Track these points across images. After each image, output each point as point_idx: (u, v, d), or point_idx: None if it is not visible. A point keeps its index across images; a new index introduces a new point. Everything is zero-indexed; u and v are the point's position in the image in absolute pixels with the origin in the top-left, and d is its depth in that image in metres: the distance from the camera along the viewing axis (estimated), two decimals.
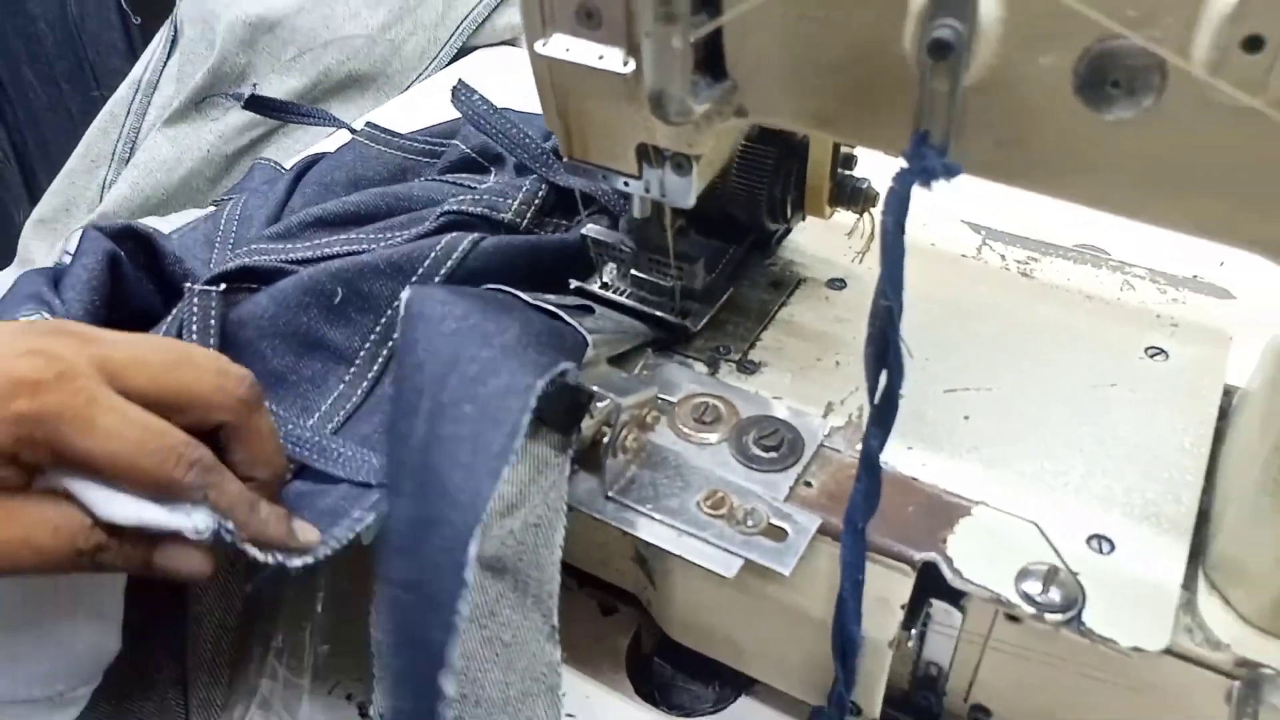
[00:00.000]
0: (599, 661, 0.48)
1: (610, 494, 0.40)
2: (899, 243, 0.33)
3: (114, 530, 0.34)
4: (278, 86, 0.93)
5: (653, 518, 0.39)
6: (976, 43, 0.30)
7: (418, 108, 0.79)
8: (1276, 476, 0.34)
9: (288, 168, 0.64)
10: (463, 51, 0.97)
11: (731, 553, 0.38)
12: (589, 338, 0.40)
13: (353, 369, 0.45)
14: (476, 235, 0.47)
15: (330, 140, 0.79)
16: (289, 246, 0.49)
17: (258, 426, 0.37)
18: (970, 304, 0.49)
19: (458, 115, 0.57)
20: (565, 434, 0.39)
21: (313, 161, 0.62)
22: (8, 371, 0.31)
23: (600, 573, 0.49)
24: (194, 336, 0.43)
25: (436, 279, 0.46)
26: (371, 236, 0.50)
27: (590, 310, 0.46)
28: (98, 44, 1.31)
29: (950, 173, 0.33)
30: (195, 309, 0.44)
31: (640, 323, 0.47)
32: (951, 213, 0.55)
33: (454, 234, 0.47)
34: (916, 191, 0.33)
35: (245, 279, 0.47)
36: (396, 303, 0.45)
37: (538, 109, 0.42)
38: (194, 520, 0.34)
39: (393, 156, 0.60)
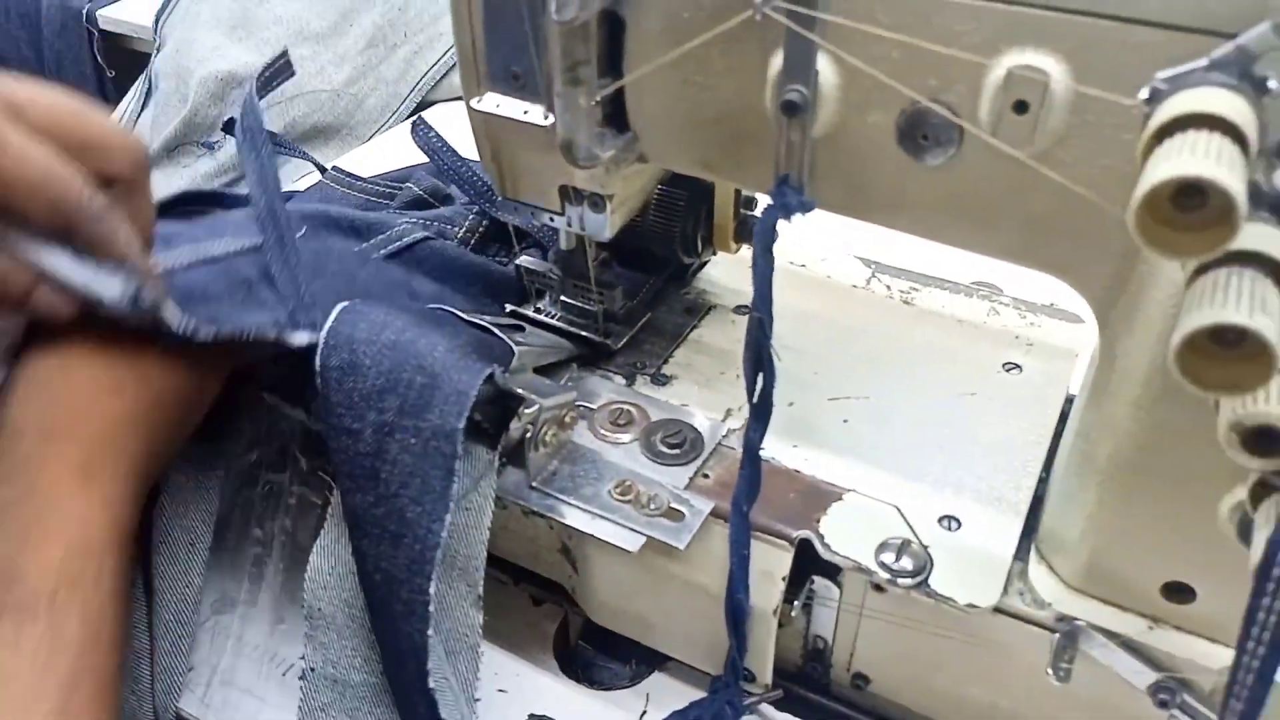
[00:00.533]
0: (529, 646, 0.54)
1: (534, 484, 0.46)
2: (768, 265, 0.40)
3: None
4: None
5: (570, 504, 0.46)
6: (819, 104, 0.37)
7: (379, 156, 0.86)
8: (1080, 460, 0.41)
9: None
10: (422, 105, 1.05)
11: (636, 531, 0.44)
12: (515, 348, 0.46)
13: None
14: (429, 234, 0.54)
15: (297, 185, 0.85)
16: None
17: (145, 191, 0.39)
18: (857, 327, 0.57)
19: (415, 163, 0.64)
20: (496, 433, 0.46)
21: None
22: None
23: (532, 565, 0.54)
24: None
25: (384, 250, 0.53)
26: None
27: (521, 329, 0.53)
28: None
29: (806, 209, 0.40)
30: None
31: (566, 341, 0.54)
32: (847, 249, 0.62)
33: (411, 224, 0.54)
34: (819, 230, 0.40)
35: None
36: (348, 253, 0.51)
37: None
38: (112, 286, 0.37)
39: (356, 198, 0.66)
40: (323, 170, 0.71)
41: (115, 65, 1.28)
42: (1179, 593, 0.40)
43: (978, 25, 0.34)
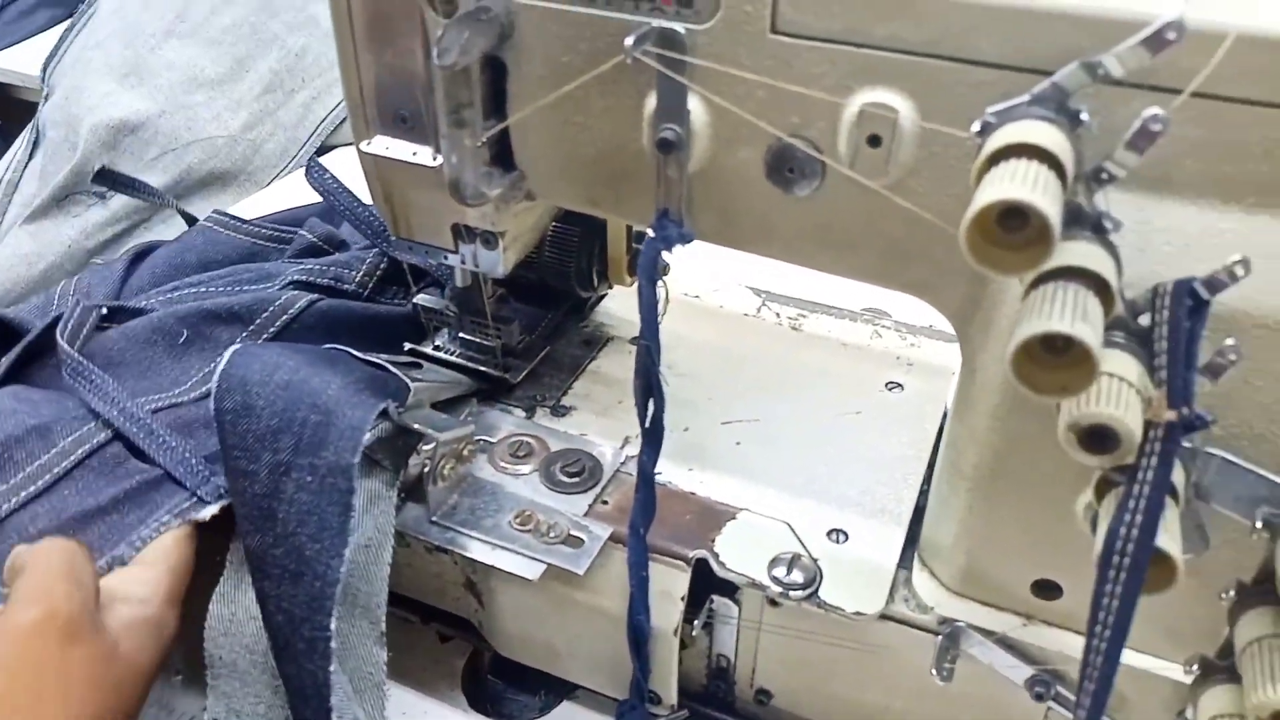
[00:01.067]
0: (437, 682, 0.54)
1: (434, 519, 0.47)
2: (652, 294, 0.42)
3: None
4: None
5: (471, 536, 0.46)
6: (692, 141, 0.39)
7: (277, 202, 0.86)
8: (950, 470, 0.43)
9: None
10: (321, 150, 1.05)
11: (536, 559, 0.45)
12: (410, 384, 0.47)
13: (177, 390, 0.50)
14: (315, 296, 0.54)
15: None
16: (145, 296, 0.55)
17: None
18: (748, 353, 0.59)
19: (303, 204, 0.64)
20: (394, 469, 0.46)
21: (148, 248, 0.66)
22: None
23: (438, 603, 0.55)
24: (70, 324, 0.50)
25: (272, 329, 0.52)
26: (218, 289, 0.56)
27: (418, 366, 0.53)
28: None
29: (686, 240, 0.42)
30: (77, 308, 0.50)
31: (465, 376, 0.55)
32: (738, 279, 0.65)
33: (295, 292, 0.54)
34: (712, 261, 0.42)
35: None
36: (233, 346, 0.50)
37: None
38: None
39: (242, 240, 0.66)
40: (191, 223, 0.70)
41: (1, 114, 1.25)
42: (1047, 590, 0.42)
43: (832, 67, 0.36)
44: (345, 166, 1.00)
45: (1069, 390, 0.29)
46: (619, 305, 0.63)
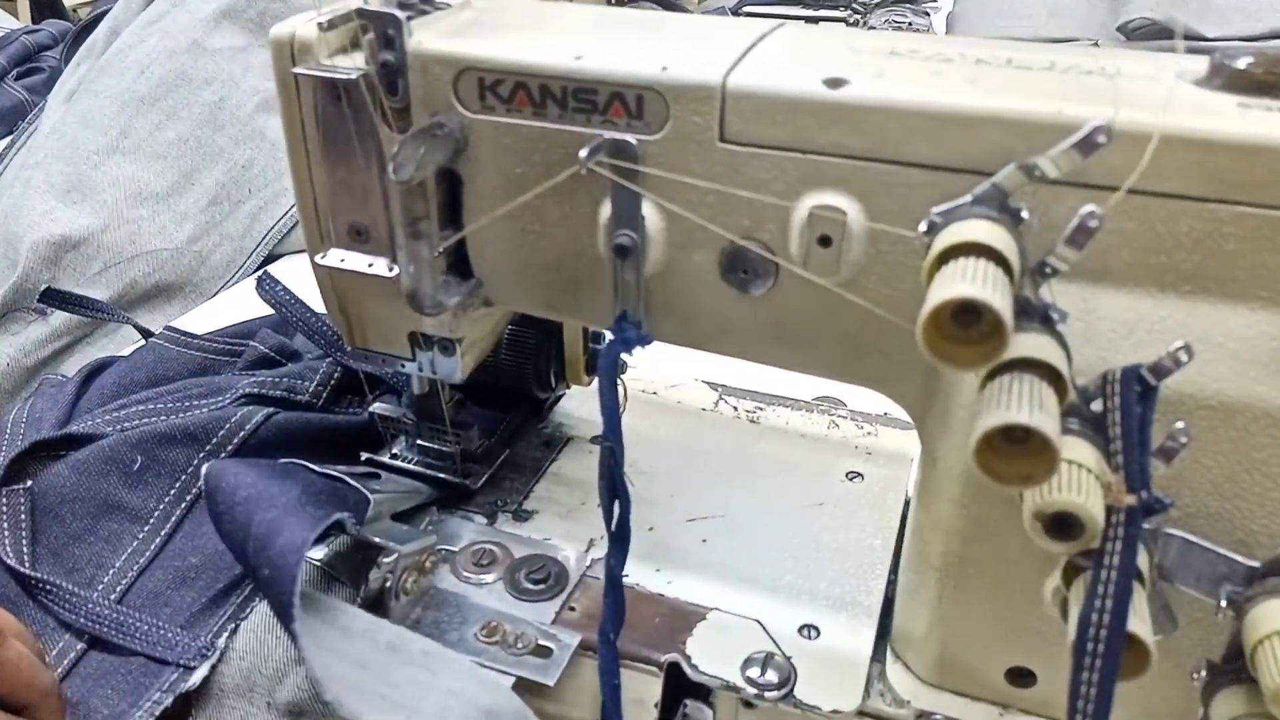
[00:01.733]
0: None
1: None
2: (613, 395, 0.42)
3: None
4: None
5: None
6: (648, 245, 0.40)
7: (225, 313, 0.85)
8: (917, 559, 0.43)
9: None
10: (269, 259, 1.04)
11: (504, 671, 0.44)
12: (370, 496, 0.46)
13: (147, 527, 0.49)
14: (271, 410, 0.53)
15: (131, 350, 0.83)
16: (91, 417, 0.54)
17: (4, 660, 0.40)
18: (708, 448, 0.59)
19: (254, 316, 0.64)
20: (355, 585, 0.45)
21: (101, 365, 0.64)
22: None
23: None
24: (5, 535, 0.47)
25: (229, 448, 0.51)
26: (168, 405, 0.55)
27: (377, 476, 0.52)
28: None
29: (645, 341, 0.43)
30: (6, 508, 0.47)
31: (424, 484, 0.54)
32: (695, 375, 0.65)
33: (250, 407, 0.53)
34: (668, 357, 0.42)
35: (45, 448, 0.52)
36: (190, 467, 0.50)
37: None
38: None
39: (192, 356, 0.65)
40: (147, 335, 0.69)
41: None
42: (1021, 677, 0.42)
43: (780, 173, 0.38)
44: (294, 275, 1.00)
45: (1032, 480, 0.30)
46: (577, 405, 0.63)
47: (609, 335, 0.61)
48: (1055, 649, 0.41)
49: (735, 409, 0.63)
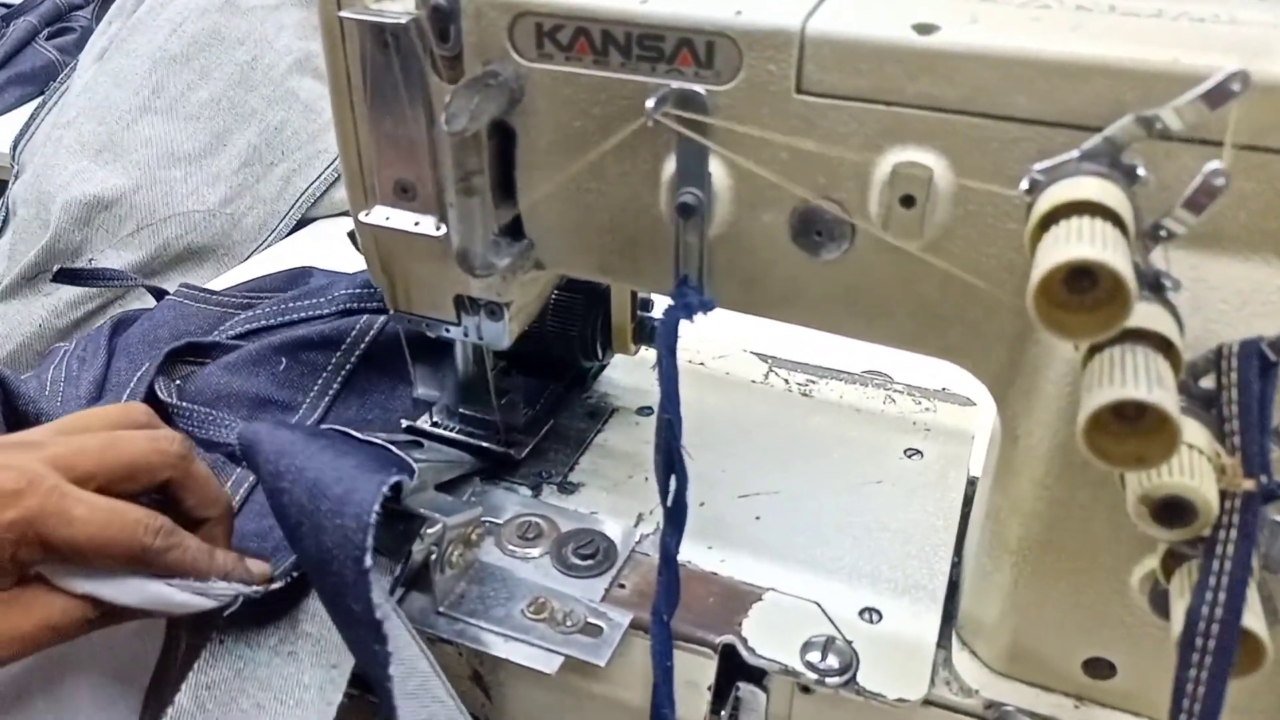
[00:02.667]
0: None
1: (441, 609, 0.44)
2: (672, 365, 0.40)
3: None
4: (115, 260, 0.95)
5: (481, 627, 0.43)
6: (713, 205, 0.38)
7: (258, 274, 0.83)
8: (992, 542, 0.41)
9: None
10: (302, 222, 1.03)
11: (553, 651, 0.42)
12: (415, 465, 0.44)
13: (297, 416, 0.55)
14: (385, 318, 0.56)
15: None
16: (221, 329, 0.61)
17: (197, 473, 0.42)
18: (759, 421, 0.57)
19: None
20: (394, 558, 0.43)
21: (122, 320, 0.66)
22: None
23: None
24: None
25: (360, 348, 0.58)
26: (283, 307, 0.62)
27: (419, 445, 0.50)
28: None
29: (707, 307, 0.40)
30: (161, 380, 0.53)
31: (467, 454, 0.52)
32: (743, 345, 0.63)
33: (368, 315, 0.57)
34: (715, 328, 0.40)
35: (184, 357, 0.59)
36: (329, 367, 0.57)
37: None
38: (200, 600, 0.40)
39: (211, 310, 0.64)
40: (160, 297, 0.69)
41: None
42: (1099, 668, 0.40)
43: (861, 126, 0.35)
44: (327, 239, 0.98)
45: (1146, 461, 0.27)
46: (622, 375, 0.61)
47: (659, 303, 0.58)
48: (1139, 640, 0.39)
49: (786, 381, 0.60)
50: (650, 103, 0.35)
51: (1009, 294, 0.35)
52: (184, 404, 0.54)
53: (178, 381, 0.57)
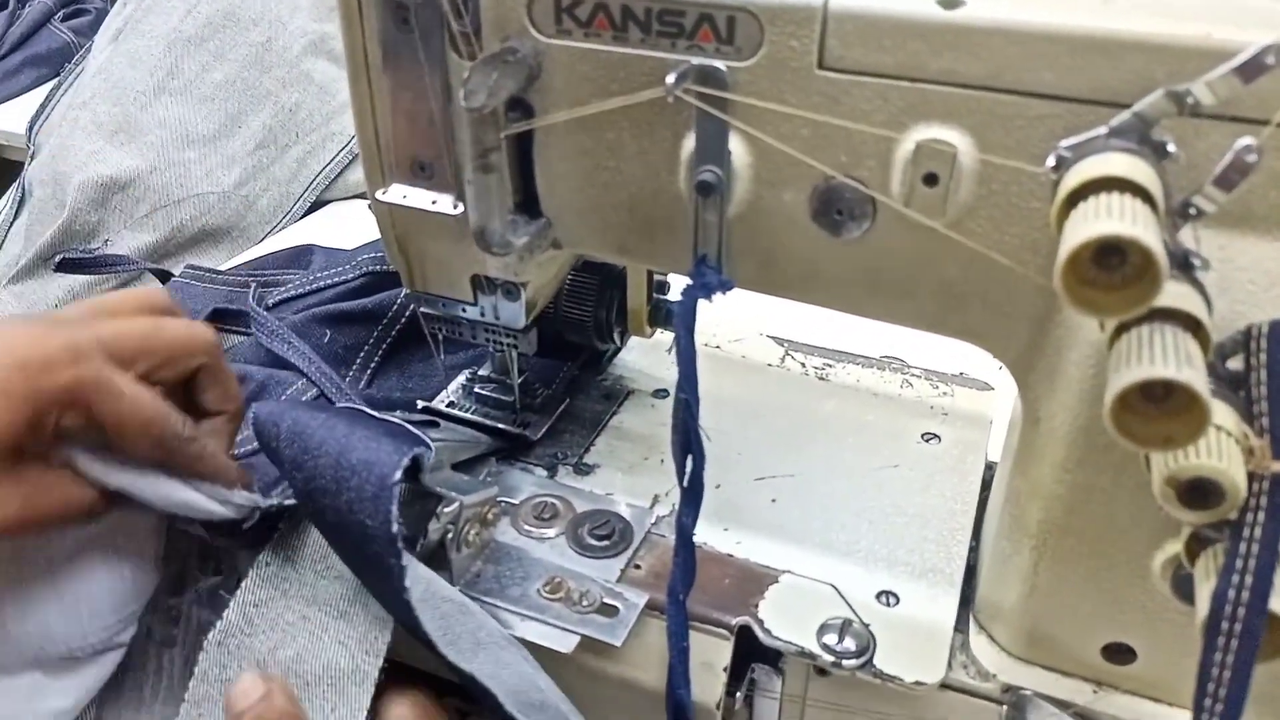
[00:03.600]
0: None
1: (457, 588, 0.44)
2: (690, 346, 0.40)
3: None
4: (130, 242, 0.95)
5: (497, 606, 0.43)
6: (733, 183, 0.37)
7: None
8: (1011, 526, 0.41)
9: None
10: (316, 205, 1.03)
11: (569, 630, 0.42)
12: (431, 444, 0.44)
13: (345, 381, 0.56)
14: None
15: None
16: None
17: (224, 366, 0.43)
18: (775, 405, 0.56)
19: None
20: (413, 537, 0.43)
21: None
22: (43, 350, 0.36)
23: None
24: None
25: (401, 323, 0.58)
26: (312, 277, 0.64)
27: (435, 424, 0.50)
28: None
29: (725, 287, 0.40)
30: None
31: (483, 434, 0.52)
32: (759, 328, 0.63)
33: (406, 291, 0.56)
34: (730, 311, 0.40)
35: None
36: (371, 340, 0.58)
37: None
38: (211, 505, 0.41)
39: (217, 290, 0.65)
40: (165, 279, 0.69)
41: None
42: (1119, 654, 0.40)
43: (884, 103, 0.34)
44: (340, 220, 0.98)
45: (1174, 442, 0.27)
46: (637, 357, 0.61)
47: (675, 284, 0.58)
48: (1160, 625, 0.38)
49: (803, 365, 0.60)
50: (671, 78, 0.35)
51: (1032, 273, 0.35)
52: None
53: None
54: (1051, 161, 0.30)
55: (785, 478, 0.51)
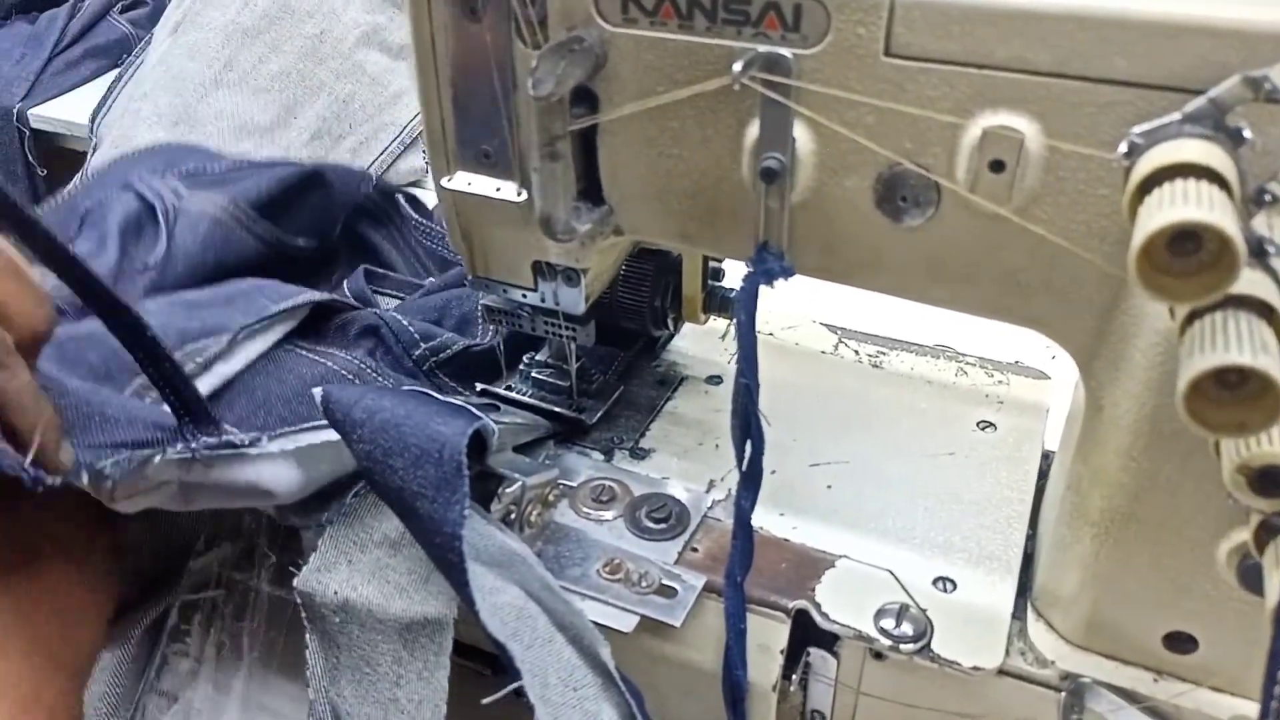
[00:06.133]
0: None
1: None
2: (751, 331, 0.40)
3: None
4: None
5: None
6: (796, 170, 0.38)
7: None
8: (1072, 514, 0.41)
9: None
10: None
11: (628, 610, 0.43)
12: (494, 427, 0.45)
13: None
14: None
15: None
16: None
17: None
18: (829, 391, 0.57)
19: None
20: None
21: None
22: None
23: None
24: None
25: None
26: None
27: (495, 408, 0.51)
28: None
29: (787, 274, 0.40)
30: None
31: (541, 418, 0.53)
32: (812, 316, 0.63)
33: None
34: (783, 298, 0.40)
35: None
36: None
37: None
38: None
39: (250, 244, 0.62)
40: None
41: (47, 164, 1.26)
42: (1181, 643, 0.39)
43: (951, 90, 0.35)
44: None
45: (1247, 428, 0.27)
46: (690, 345, 0.62)
47: (731, 271, 0.58)
48: (1224, 614, 0.38)
49: (856, 353, 0.60)
50: (737, 66, 0.35)
51: (1099, 261, 0.35)
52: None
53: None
54: (1124, 148, 0.30)
55: (840, 464, 0.51)
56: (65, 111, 1.21)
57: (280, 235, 0.65)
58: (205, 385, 0.46)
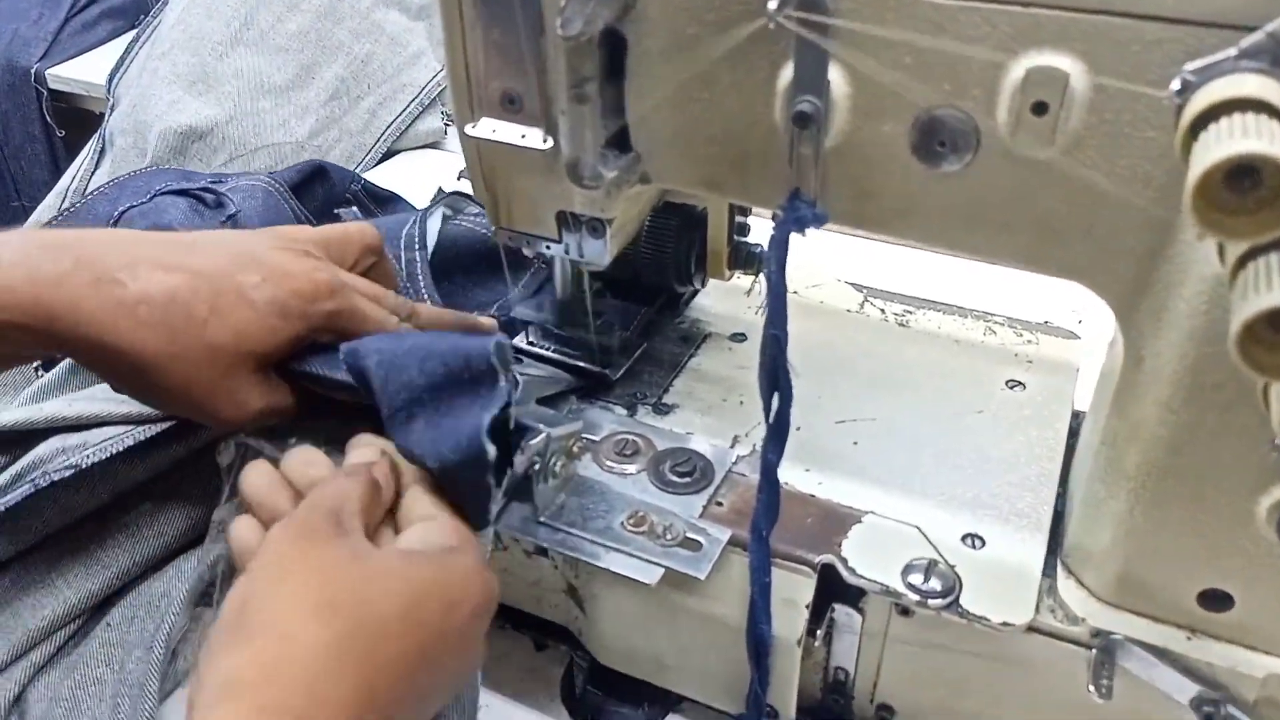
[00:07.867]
0: (535, 694, 0.51)
1: (542, 519, 0.44)
2: (781, 281, 0.39)
3: None
4: None
5: (581, 537, 0.44)
6: (831, 114, 0.37)
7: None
8: (1107, 468, 0.40)
9: None
10: (387, 155, 1.03)
11: (653, 562, 0.42)
12: (519, 379, 0.44)
13: None
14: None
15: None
16: None
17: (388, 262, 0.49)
18: (856, 350, 0.56)
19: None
20: (500, 468, 0.44)
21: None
22: (312, 283, 0.41)
23: (534, 609, 0.52)
24: None
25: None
26: None
27: (518, 361, 0.51)
28: (21, 156, 1.34)
29: (820, 221, 0.39)
30: None
31: (564, 373, 0.52)
32: (836, 274, 0.62)
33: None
34: (807, 256, 0.39)
35: None
36: None
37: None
38: None
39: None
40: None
41: (65, 124, 1.25)
42: (1216, 601, 0.39)
43: (992, 29, 0.33)
44: (412, 171, 0.99)
45: None
46: (713, 302, 0.61)
47: (757, 226, 0.58)
48: (1261, 572, 0.37)
49: (882, 311, 0.59)
50: (773, 4, 0.34)
51: (1144, 205, 0.34)
52: None
53: None
54: (1176, 85, 0.29)
55: (867, 421, 0.51)
56: (83, 72, 1.21)
57: (307, 213, 0.71)
58: None
